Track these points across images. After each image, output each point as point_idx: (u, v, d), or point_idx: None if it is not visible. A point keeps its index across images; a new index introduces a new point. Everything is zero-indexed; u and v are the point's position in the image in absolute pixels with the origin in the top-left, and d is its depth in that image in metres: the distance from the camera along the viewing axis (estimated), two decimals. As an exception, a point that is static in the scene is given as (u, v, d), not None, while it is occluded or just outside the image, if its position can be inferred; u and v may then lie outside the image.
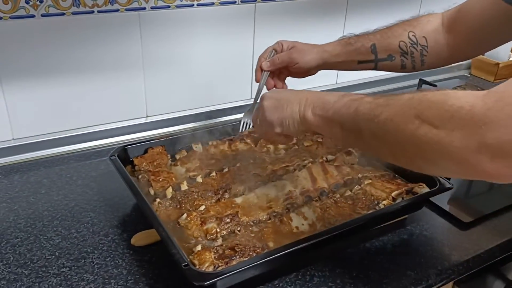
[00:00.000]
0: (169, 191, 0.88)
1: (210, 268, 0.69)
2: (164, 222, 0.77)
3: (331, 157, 1.02)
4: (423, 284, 0.79)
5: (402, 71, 0.99)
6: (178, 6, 1.15)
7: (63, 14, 1.03)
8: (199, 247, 0.75)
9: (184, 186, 0.90)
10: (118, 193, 0.97)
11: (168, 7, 1.14)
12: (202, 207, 0.85)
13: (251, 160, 0.99)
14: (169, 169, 0.97)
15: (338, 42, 0.99)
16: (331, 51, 0.98)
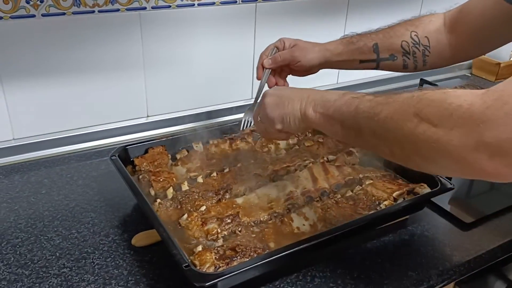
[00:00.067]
0: (169, 192, 0.88)
1: (211, 268, 0.69)
2: (165, 223, 0.77)
3: (332, 157, 1.02)
4: (424, 284, 0.78)
5: (404, 71, 0.98)
6: (178, 6, 1.15)
7: (63, 14, 1.03)
8: (200, 247, 0.74)
9: (185, 187, 0.89)
10: (119, 193, 0.96)
11: (169, 6, 1.14)
12: (203, 208, 0.84)
13: (252, 160, 0.99)
14: (169, 169, 0.97)
15: (341, 41, 0.98)
16: (333, 49, 0.97)
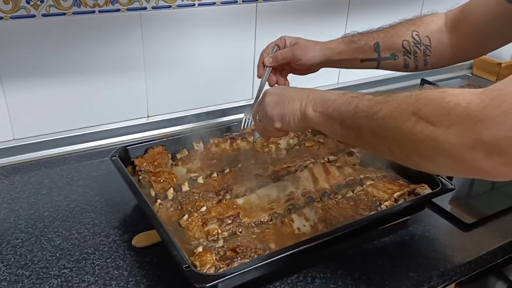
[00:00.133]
0: (170, 192, 0.88)
1: (211, 269, 0.69)
2: (165, 223, 0.77)
3: (332, 157, 1.01)
4: (425, 285, 0.78)
5: (405, 71, 0.98)
6: (179, 6, 1.15)
7: (64, 14, 1.03)
8: (200, 248, 0.74)
9: (185, 187, 0.89)
10: (119, 193, 0.96)
11: (169, 7, 1.14)
12: (203, 208, 0.84)
13: (252, 161, 0.99)
14: (170, 169, 0.97)
15: (342, 39, 0.98)
16: (334, 48, 0.97)
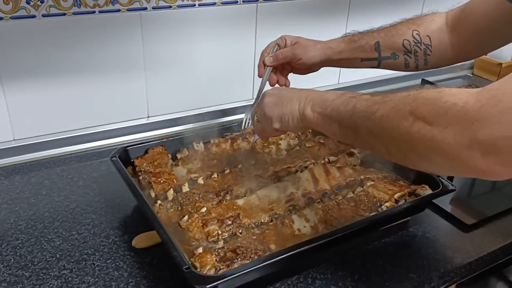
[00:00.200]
0: (170, 193, 0.88)
1: (212, 271, 0.69)
2: (165, 224, 0.76)
3: (333, 158, 1.01)
4: (426, 286, 0.78)
5: (405, 70, 0.98)
6: (179, 6, 1.15)
7: (64, 14, 1.03)
8: (201, 249, 0.74)
9: (186, 188, 0.89)
10: (119, 194, 0.96)
11: (170, 7, 1.14)
12: (204, 209, 0.84)
13: (253, 162, 0.99)
14: (170, 169, 0.96)
15: (342, 39, 0.98)
16: (335, 47, 0.97)
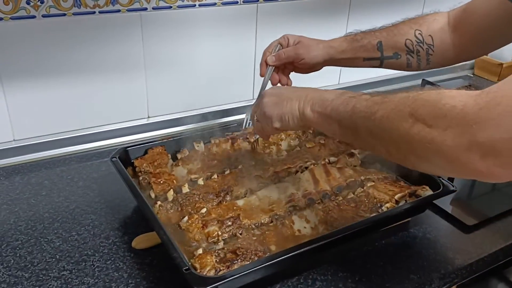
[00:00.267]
0: (170, 194, 0.87)
1: (212, 272, 0.69)
2: (165, 225, 0.76)
3: (333, 159, 1.01)
4: (426, 288, 0.78)
5: (407, 70, 0.98)
6: (179, 7, 1.14)
7: (64, 15, 1.03)
8: (200, 250, 0.74)
9: (186, 189, 0.89)
10: (119, 195, 0.96)
11: (170, 7, 1.13)
12: (204, 210, 0.84)
13: (253, 162, 0.98)
14: (170, 169, 0.96)
15: (345, 38, 0.98)
16: (337, 47, 0.97)
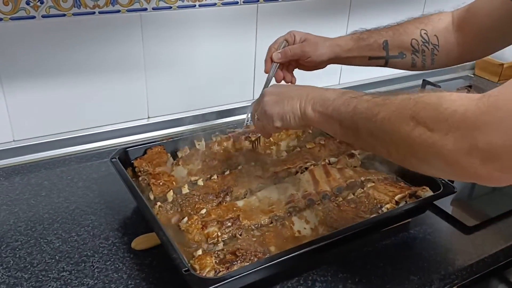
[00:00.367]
0: (170, 195, 0.87)
1: (211, 273, 0.68)
2: (165, 226, 0.76)
3: (333, 159, 1.01)
4: (426, 289, 0.78)
5: (411, 69, 0.98)
6: (179, 7, 1.14)
7: (64, 15, 1.03)
8: (200, 251, 0.74)
9: (185, 190, 0.89)
10: (119, 195, 0.96)
11: (170, 8, 1.13)
12: (203, 211, 0.84)
13: (253, 163, 0.98)
14: (170, 168, 0.96)
15: (351, 36, 0.98)
16: (344, 45, 0.97)
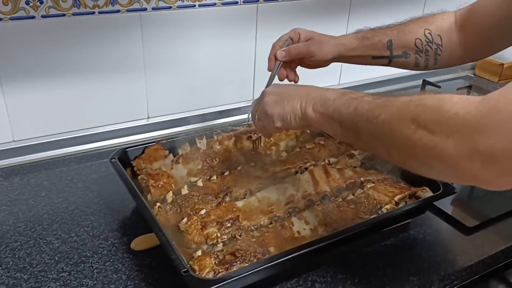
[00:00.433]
0: (169, 195, 0.87)
1: (210, 274, 0.68)
2: (164, 227, 0.76)
3: (333, 160, 1.01)
4: (426, 290, 0.78)
5: (414, 69, 0.98)
6: (179, 7, 1.14)
7: (63, 15, 1.02)
8: (199, 252, 0.74)
9: (185, 190, 0.89)
10: (119, 195, 0.96)
11: (170, 7, 1.13)
12: (203, 211, 0.84)
13: (252, 163, 0.98)
14: (170, 166, 0.95)
15: (355, 35, 0.97)
16: (348, 44, 0.96)
